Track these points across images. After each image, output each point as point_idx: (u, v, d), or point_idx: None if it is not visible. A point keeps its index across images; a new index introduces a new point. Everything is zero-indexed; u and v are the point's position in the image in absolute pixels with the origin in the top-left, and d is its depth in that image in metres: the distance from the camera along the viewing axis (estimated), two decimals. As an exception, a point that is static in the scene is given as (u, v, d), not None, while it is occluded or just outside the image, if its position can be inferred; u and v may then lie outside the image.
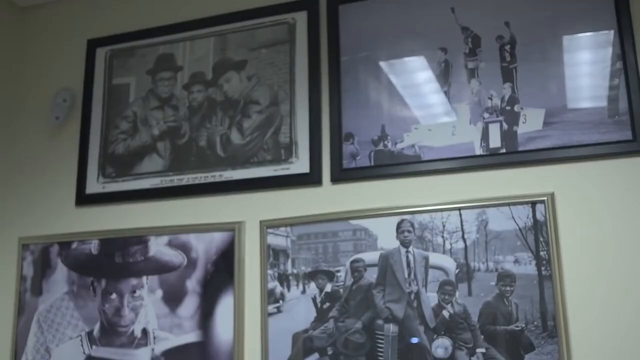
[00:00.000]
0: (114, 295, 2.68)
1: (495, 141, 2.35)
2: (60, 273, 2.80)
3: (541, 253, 2.20)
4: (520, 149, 2.31)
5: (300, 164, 2.55)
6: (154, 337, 2.59)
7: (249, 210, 2.58)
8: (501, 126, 2.35)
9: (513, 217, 2.26)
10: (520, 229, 2.24)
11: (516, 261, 2.23)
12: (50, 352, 2.74)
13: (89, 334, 2.69)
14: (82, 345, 2.70)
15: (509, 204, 2.26)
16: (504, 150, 2.33)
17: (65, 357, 2.71)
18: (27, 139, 3.02)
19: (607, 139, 2.22)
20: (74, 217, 2.84)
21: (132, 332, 2.62)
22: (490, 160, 2.33)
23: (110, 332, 2.66)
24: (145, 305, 2.63)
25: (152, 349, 2.58)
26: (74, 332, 2.72)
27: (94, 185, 2.84)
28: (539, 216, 2.22)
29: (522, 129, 2.32)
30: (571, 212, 2.22)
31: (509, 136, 2.33)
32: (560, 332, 2.13)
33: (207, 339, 2.52)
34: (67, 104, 2.93)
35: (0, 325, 2.86)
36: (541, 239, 2.21)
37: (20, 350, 2.79)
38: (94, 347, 2.67)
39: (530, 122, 2.32)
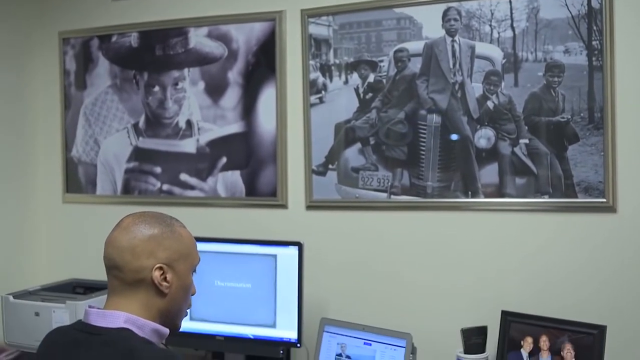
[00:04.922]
0: (156, 88, 2.69)
1: None
2: (103, 67, 2.81)
3: (593, 43, 2.12)
4: None
5: (342, -51, 2.42)
6: (199, 128, 2.63)
7: (289, -1, 2.50)
8: None
9: (566, 5, 2.15)
10: (573, 17, 2.14)
11: (566, 51, 2.15)
12: (99, 144, 2.82)
13: (135, 126, 2.75)
14: (129, 136, 2.76)
15: (562, -10, 2.15)
16: None
17: (113, 149, 2.80)
18: None
19: None
20: (112, 10, 2.80)
21: (177, 124, 2.67)
22: (546, -56, 2.18)
23: (155, 124, 2.71)
24: (188, 97, 2.64)
25: (197, 140, 2.63)
26: (120, 124, 2.78)
27: (129, -23, 2.76)
28: (594, 4, 2.11)
29: None
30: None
31: None
32: (607, 124, 2.10)
33: (250, 129, 2.56)
34: None
35: (49, 119, 2.93)
36: (595, 28, 2.12)
37: (71, 143, 2.88)
38: (140, 138, 2.74)
39: None
